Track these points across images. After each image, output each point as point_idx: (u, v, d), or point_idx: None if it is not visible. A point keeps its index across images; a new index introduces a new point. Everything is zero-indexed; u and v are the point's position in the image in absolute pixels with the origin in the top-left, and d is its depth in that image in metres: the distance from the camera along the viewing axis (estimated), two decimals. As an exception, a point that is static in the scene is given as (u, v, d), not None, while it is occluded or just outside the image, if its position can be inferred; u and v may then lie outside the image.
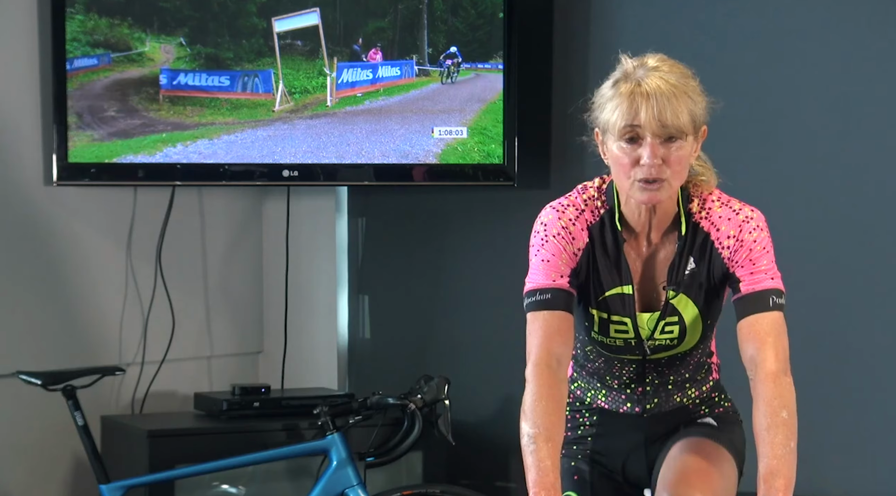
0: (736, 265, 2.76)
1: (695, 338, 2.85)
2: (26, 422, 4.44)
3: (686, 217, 2.80)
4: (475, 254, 4.87)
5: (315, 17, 4.64)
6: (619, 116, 2.68)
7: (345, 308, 5.08)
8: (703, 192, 2.82)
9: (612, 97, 2.70)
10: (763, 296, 2.73)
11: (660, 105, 2.65)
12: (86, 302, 4.63)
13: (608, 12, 4.58)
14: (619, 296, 2.81)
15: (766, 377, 2.67)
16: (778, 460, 2.60)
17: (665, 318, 2.82)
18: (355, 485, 4.12)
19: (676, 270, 2.80)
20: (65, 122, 4.43)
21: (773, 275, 2.76)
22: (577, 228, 2.79)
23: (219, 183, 4.64)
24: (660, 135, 2.67)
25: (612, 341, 2.85)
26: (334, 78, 4.66)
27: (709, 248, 2.79)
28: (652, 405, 2.93)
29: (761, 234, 2.77)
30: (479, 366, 4.82)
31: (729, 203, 2.81)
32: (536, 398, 2.68)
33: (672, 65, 2.71)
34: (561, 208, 2.82)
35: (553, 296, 2.75)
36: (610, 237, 2.80)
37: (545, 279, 2.76)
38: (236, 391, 4.55)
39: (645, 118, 2.66)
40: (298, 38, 4.64)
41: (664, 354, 2.87)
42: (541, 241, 2.79)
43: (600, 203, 2.82)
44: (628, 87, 2.67)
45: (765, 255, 2.76)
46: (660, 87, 2.65)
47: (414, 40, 4.69)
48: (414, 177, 4.69)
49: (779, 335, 2.71)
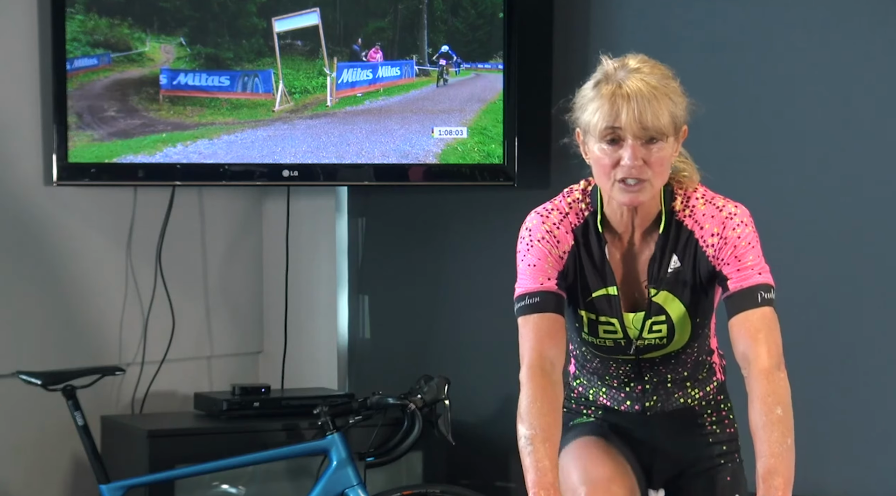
0: (722, 263, 2.76)
1: (684, 336, 2.84)
2: (26, 422, 4.44)
3: (667, 215, 2.80)
4: (475, 255, 4.87)
5: (315, 18, 4.64)
6: (600, 118, 2.68)
7: (345, 308, 5.08)
8: (688, 190, 2.82)
9: (592, 98, 2.71)
10: (751, 292, 2.73)
11: (640, 107, 2.65)
12: (86, 302, 4.63)
13: (608, 12, 4.58)
14: (605, 297, 2.82)
15: (760, 374, 2.67)
16: (776, 458, 2.60)
17: (651, 317, 2.82)
18: (355, 485, 4.12)
19: (658, 268, 2.80)
20: (65, 122, 4.43)
21: (761, 271, 2.75)
22: (561, 232, 2.80)
23: (219, 183, 4.64)
24: (640, 137, 2.67)
25: (601, 342, 2.86)
26: (334, 78, 4.66)
27: (693, 247, 2.79)
28: (651, 403, 2.93)
29: (745, 229, 2.77)
30: (479, 366, 4.82)
31: (713, 200, 2.81)
32: (531, 400, 2.69)
33: (653, 66, 2.72)
34: (545, 213, 2.83)
35: (542, 298, 2.76)
36: (594, 239, 2.81)
37: (533, 283, 2.77)
38: (236, 391, 4.55)
39: (626, 120, 2.66)
40: (298, 38, 4.64)
41: (656, 354, 2.87)
42: (526, 247, 2.80)
43: (584, 205, 2.83)
44: (609, 89, 2.68)
45: (750, 251, 2.75)
46: (640, 89, 2.66)
47: (414, 40, 4.69)
48: (414, 177, 4.69)
49: (770, 330, 2.71)
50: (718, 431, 2.96)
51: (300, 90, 4.63)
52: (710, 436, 2.96)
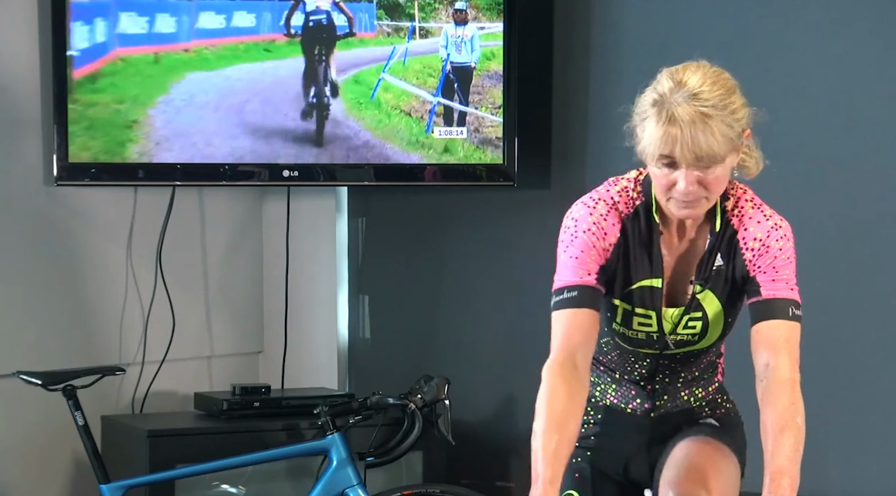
0: (758, 270, 2.76)
1: (715, 334, 2.85)
2: (26, 422, 4.44)
3: (722, 213, 2.79)
4: (475, 255, 4.87)
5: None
6: (654, 145, 2.64)
7: (345, 308, 5.08)
8: (738, 191, 2.81)
9: (647, 118, 2.65)
10: (783, 304, 2.73)
11: (694, 139, 2.60)
12: (86, 302, 4.63)
13: (609, 12, 4.58)
14: (648, 288, 2.80)
15: (785, 383, 2.67)
16: (787, 461, 2.62)
17: (689, 313, 2.82)
18: (355, 485, 4.13)
19: (706, 266, 2.80)
20: (65, 123, 4.43)
21: (794, 287, 2.76)
22: (608, 223, 2.77)
23: (219, 183, 4.64)
24: (695, 165, 2.64)
25: (634, 334, 2.85)
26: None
27: (734, 247, 2.79)
28: (661, 402, 2.94)
29: (787, 243, 2.77)
30: (479, 366, 4.82)
31: (761, 207, 2.81)
32: (547, 393, 2.65)
33: (713, 82, 2.65)
34: (592, 203, 2.79)
35: (580, 293, 2.72)
36: (645, 229, 2.79)
37: (573, 276, 2.74)
38: (236, 391, 4.55)
39: (679, 152, 2.62)
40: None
41: (680, 350, 2.87)
42: (570, 237, 2.76)
43: (635, 194, 2.80)
44: (663, 117, 2.62)
45: (788, 265, 2.76)
46: (694, 120, 2.60)
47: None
48: (414, 177, 4.69)
49: (795, 345, 2.72)
50: (710, 412, 2.98)
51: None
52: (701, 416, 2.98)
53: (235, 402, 4.51)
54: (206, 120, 4.57)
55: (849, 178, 4.17)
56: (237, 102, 4.60)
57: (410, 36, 4.66)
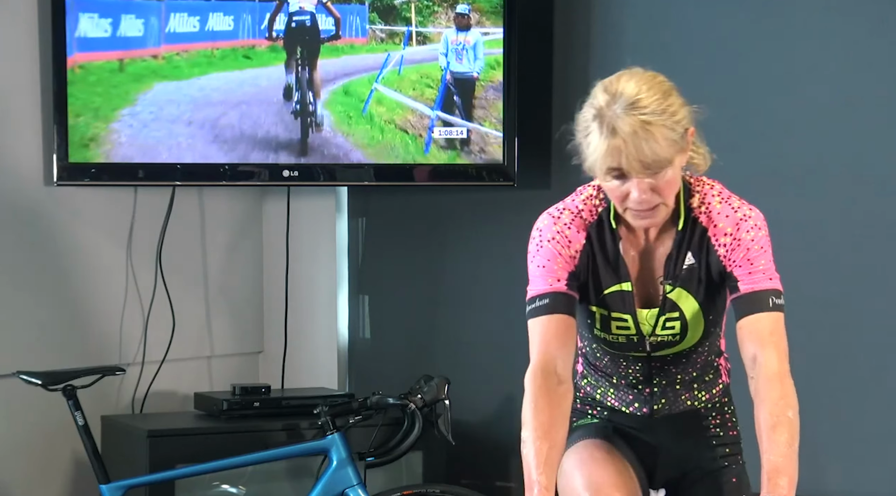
0: (733, 264, 2.76)
1: (697, 334, 2.85)
2: (26, 422, 4.44)
3: (685, 212, 2.79)
4: (475, 255, 4.87)
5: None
6: (600, 160, 2.64)
7: (345, 308, 5.08)
8: (705, 186, 2.81)
9: (589, 132, 2.66)
10: (763, 296, 2.73)
11: (638, 148, 2.60)
12: (86, 302, 4.63)
13: (609, 12, 4.58)
14: (619, 293, 2.82)
15: (773, 377, 2.67)
16: (783, 458, 2.61)
17: (665, 314, 2.82)
18: (355, 485, 4.13)
19: (674, 265, 2.80)
20: (65, 123, 4.42)
21: (772, 276, 2.75)
22: (572, 231, 2.80)
23: (219, 183, 4.63)
24: (644, 173, 2.64)
25: (614, 338, 2.86)
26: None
27: (706, 244, 2.79)
28: (660, 406, 2.94)
29: (759, 233, 2.77)
30: (479, 366, 4.82)
31: (729, 200, 2.81)
32: (531, 401, 2.69)
33: (649, 87, 2.65)
34: (556, 213, 2.83)
35: (552, 300, 2.75)
36: (608, 235, 2.81)
37: (543, 285, 2.77)
38: (236, 391, 4.55)
39: (626, 162, 2.62)
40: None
41: (668, 351, 2.87)
42: (536, 248, 2.80)
43: (598, 202, 2.83)
44: (604, 130, 2.62)
45: (762, 255, 2.76)
46: (635, 130, 2.60)
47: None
48: (414, 177, 4.68)
49: (781, 336, 2.72)
50: (722, 434, 2.97)
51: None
52: (714, 439, 2.96)
53: (235, 402, 4.51)
54: (176, 135, 4.42)
55: (849, 177, 4.17)
56: (212, 115, 4.44)
57: (406, 42, 4.53)
